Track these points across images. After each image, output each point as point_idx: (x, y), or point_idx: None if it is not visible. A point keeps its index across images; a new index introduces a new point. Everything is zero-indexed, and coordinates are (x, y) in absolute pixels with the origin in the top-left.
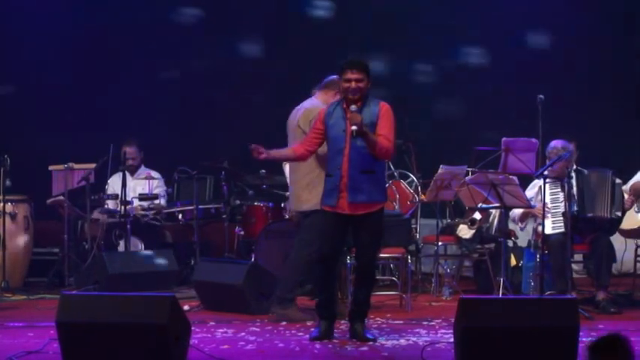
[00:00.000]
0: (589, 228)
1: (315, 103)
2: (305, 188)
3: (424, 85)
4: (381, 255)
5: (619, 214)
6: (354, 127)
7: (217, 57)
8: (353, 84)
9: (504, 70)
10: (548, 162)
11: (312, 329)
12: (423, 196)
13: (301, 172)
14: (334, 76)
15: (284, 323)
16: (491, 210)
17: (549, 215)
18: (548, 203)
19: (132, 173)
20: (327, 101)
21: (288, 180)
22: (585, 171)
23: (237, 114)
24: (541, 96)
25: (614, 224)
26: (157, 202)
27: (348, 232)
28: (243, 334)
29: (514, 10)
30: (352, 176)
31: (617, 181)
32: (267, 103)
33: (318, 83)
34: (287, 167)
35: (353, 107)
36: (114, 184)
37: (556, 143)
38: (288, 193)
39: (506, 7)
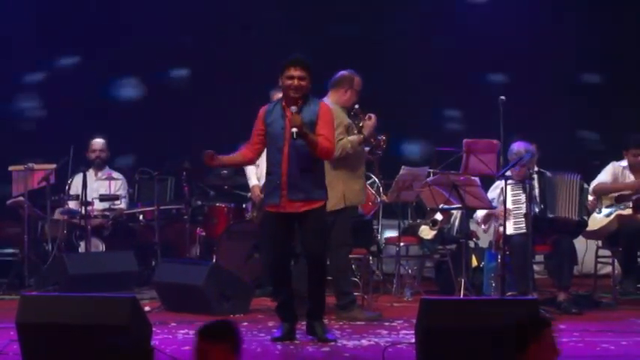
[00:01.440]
0: (551, 229)
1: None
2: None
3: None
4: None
5: (586, 218)
6: (294, 129)
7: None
8: (295, 82)
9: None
10: (509, 163)
11: (274, 330)
12: (384, 197)
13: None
14: (344, 72)
15: (245, 324)
16: (452, 211)
17: (511, 216)
18: (510, 204)
19: (98, 169)
20: (339, 100)
21: (251, 181)
22: (547, 173)
23: (198, 114)
24: (502, 97)
25: (580, 227)
26: (117, 202)
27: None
28: None
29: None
30: (291, 174)
31: (585, 186)
32: (229, 104)
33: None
34: (249, 169)
35: (293, 108)
36: (77, 184)
37: (518, 145)
38: (249, 194)
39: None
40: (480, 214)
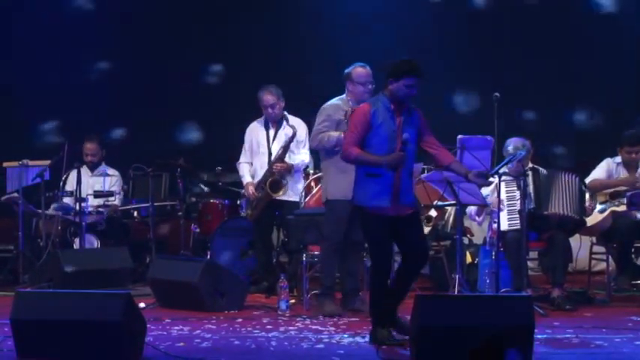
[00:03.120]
0: (546, 225)
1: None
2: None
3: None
4: None
5: (585, 218)
6: (405, 135)
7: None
8: (414, 90)
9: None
10: (504, 160)
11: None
12: None
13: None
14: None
15: (239, 320)
16: (447, 207)
17: (505, 212)
18: (505, 201)
19: (91, 170)
20: (348, 95)
21: (244, 179)
22: (542, 169)
23: (193, 111)
24: (497, 94)
25: (578, 226)
26: (111, 199)
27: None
28: (198, 331)
29: None
30: (403, 178)
31: (583, 188)
32: (224, 100)
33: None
34: (243, 166)
35: (406, 135)
36: (71, 180)
37: (515, 143)
38: (243, 191)
39: None
40: (473, 207)
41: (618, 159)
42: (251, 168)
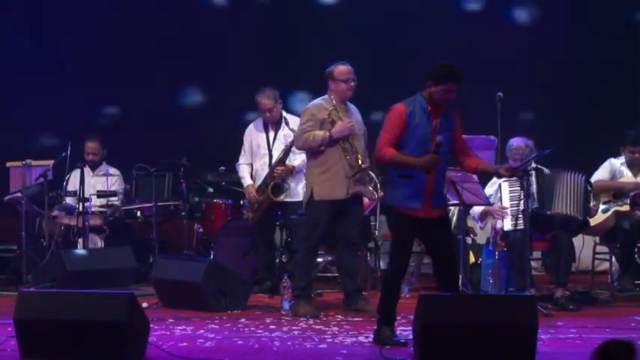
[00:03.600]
0: (549, 225)
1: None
2: None
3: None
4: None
5: (589, 219)
6: (439, 138)
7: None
8: (452, 95)
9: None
10: (510, 160)
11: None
12: (381, 193)
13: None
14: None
15: (242, 320)
16: (450, 207)
17: (509, 212)
18: (508, 201)
19: (92, 169)
20: (330, 94)
21: (245, 181)
22: (545, 169)
23: (196, 111)
24: (500, 94)
25: (582, 227)
26: (114, 199)
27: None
28: (202, 331)
29: None
30: (436, 181)
31: (589, 188)
32: (225, 101)
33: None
34: (243, 168)
35: (439, 137)
36: (74, 180)
37: (519, 142)
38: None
39: None
40: (477, 210)
41: (621, 159)
42: (251, 170)
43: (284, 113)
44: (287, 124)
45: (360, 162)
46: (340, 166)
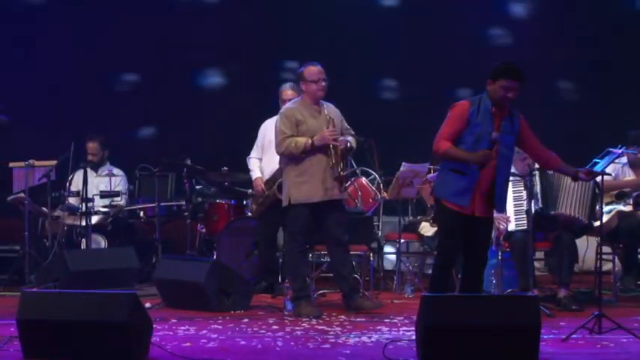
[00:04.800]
0: (553, 226)
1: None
2: None
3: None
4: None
5: (596, 222)
6: (495, 135)
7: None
8: (511, 94)
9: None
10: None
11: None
12: (385, 194)
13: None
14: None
15: (245, 320)
16: None
17: (512, 220)
18: (511, 201)
19: (94, 169)
20: (303, 96)
21: (254, 173)
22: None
23: (200, 111)
24: None
25: (585, 229)
26: (117, 199)
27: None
28: (205, 331)
29: None
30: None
31: (597, 191)
32: (229, 101)
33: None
34: (253, 161)
35: (495, 134)
36: (77, 180)
37: None
38: (249, 191)
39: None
40: None
41: (624, 159)
42: (261, 164)
43: None
44: None
45: (340, 169)
46: (317, 169)
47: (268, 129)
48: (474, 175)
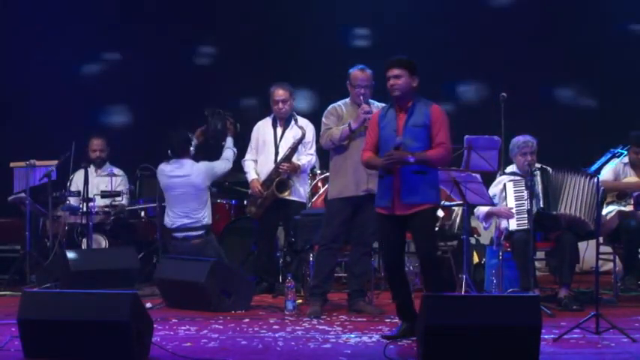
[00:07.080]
0: (554, 225)
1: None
2: None
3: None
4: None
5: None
6: (399, 138)
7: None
8: (392, 81)
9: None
10: (518, 156)
11: (388, 330)
12: None
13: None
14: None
15: (246, 320)
16: (454, 207)
17: (514, 212)
18: (512, 201)
19: (98, 166)
20: (352, 96)
21: (250, 175)
22: (549, 169)
23: (198, 112)
24: (504, 94)
25: (590, 234)
26: (118, 199)
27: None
28: (205, 331)
29: None
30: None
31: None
32: (228, 101)
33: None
34: (248, 163)
35: (398, 139)
36: (78, 180)
37: (526, 137)
38: (249, 191)
39: None
40: (482, 210)
41: (625, 159)
42: (256, 166)
43: (294, 113)
44: (296, 121)
45: None
46: (349, 163)
47: (261, 130)
48: (389, 177)
